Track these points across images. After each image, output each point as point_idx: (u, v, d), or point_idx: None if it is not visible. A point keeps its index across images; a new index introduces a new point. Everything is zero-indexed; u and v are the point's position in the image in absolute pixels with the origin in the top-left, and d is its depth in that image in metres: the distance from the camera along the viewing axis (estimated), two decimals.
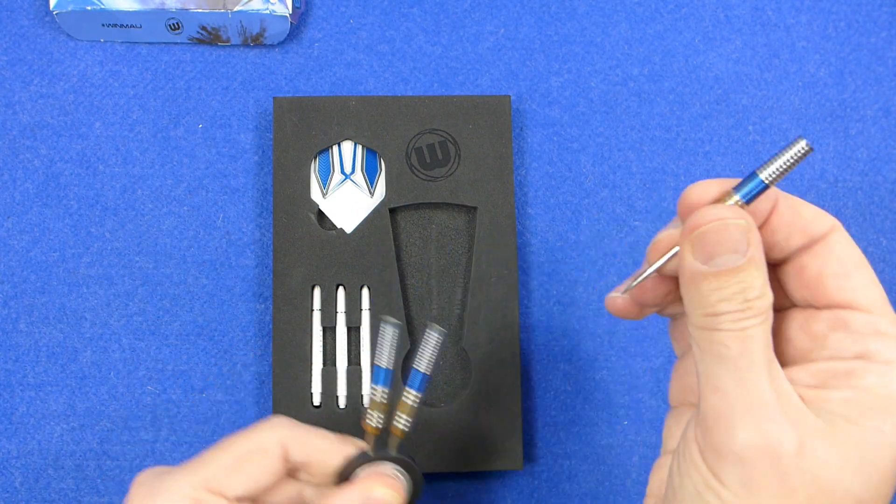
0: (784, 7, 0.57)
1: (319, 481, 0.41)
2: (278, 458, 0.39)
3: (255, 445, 0.39)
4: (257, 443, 0.39)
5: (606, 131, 0.55)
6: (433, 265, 0.53)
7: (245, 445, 0.39)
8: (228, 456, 0.39)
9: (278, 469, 0.39)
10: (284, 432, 0.40)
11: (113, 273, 0.53)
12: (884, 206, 0.55)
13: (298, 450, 0.40)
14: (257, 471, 0.39)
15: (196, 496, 0.37)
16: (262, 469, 0.39)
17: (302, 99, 0.53)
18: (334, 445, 0.41)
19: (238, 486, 0.38)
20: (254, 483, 0.38)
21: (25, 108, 0.54)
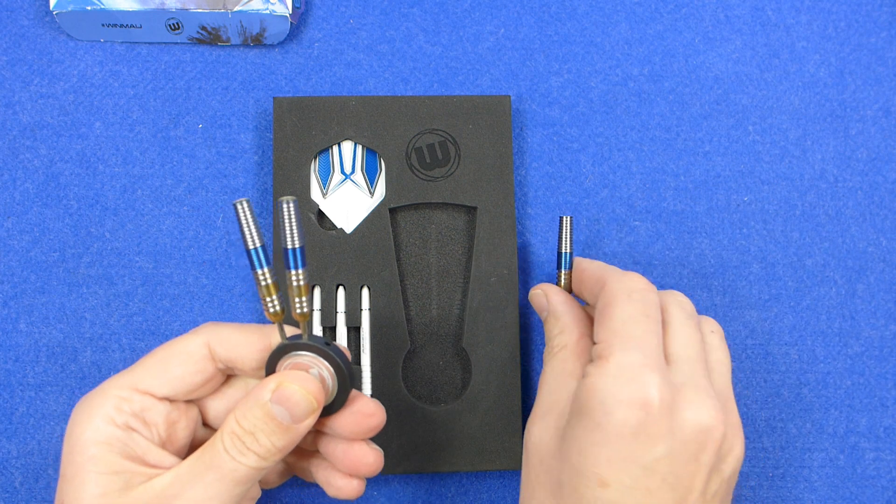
0: (784, 7, 0.57)
1: (252, 376, 0.43)
2: (204, 358, 0.41)
3: (180, 349, 0.41)
4: (181, 345, 0.41)
5: (606, 131, 0.55)
6: (433, 265, 0.53)
7: (171, 349, 0.41)
8: (154, 359, 0.41)
9: (204, 368, 0.41)
10: (209, 333, 0.41)
11: (113, 273, 0.53)
12: (884, 206, 0.55)
13: (222, 348, 0.41)
14: (181, 371, 0.41)
15: (122, 395, 0.40)
16: (187, 369, 0.41)
17: (302, 99, 0.53)
18: (255, 338, 0.42)
19: (164, 386, 0.40)
20: (179, 383, 0.41)
21: (25, 108, 0.54)
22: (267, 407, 0.39)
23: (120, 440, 0.39)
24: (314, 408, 0.40)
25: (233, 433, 0.39)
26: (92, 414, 0.39)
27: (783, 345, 0.54)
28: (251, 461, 0.39)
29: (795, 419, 0.53)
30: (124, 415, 0.39)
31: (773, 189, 0.55)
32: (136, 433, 0.40)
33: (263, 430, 0.39)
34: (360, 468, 0.43)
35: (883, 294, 0.54)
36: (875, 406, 0.53)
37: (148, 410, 0.40)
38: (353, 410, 0.42)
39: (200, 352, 0.41)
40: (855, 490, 0.53)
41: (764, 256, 0.54)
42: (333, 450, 0.43)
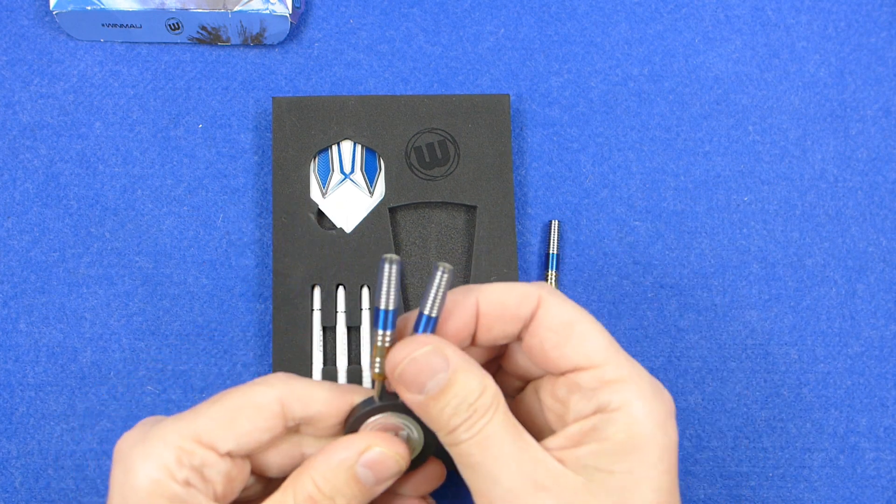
0: (784, 7, 0.57)
1: (324, 434, 0.39)
2: (275, 416, 0.37)
3: (250, 401, 0.37)
4: (253, 398, 0.37)
5: (606, 131, 0.55)
6: (433, 265, 0.53)
7: (240, 400, 0.37)
8: (222, 410, 0.37)
9: (275, 426, 0.38)
10: (282, 388, 0.38)
11: (113, 273, 0.53)
12: (884, 206, 0.55)
13: (298, 405, 0.38)
14: (251, 427, 0.37)
15: (185, 446, 0.36)
16: (257, 425, 0.37)
17: (301, 99, 0.53)
18: (337, 396, 0.39)
19: (230, 441, 0.37)
20: (247, 439, 0.37)
21: (25, 108, 0.54)
22: (353, 470, 0.36)
23: (178, 496, 0.36)
24: (401, 472, 0.37)
25: (310, 497, 0.36)
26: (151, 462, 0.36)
27: (783, 345, 0.54)
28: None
29: (795, 419, 0.53)
30: (185, 469, 0.36)
31: (773, 189, 0.55)
32: (195, 489, 0.36)
33: (345, 493, 0.36)
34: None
35: (883, 294, 0.54)
36: (875, 406, 0.53)
37: (209, 467, 0.37)
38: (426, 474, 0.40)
39: (272, 408, 0.37)
40: (855, 490, 0.52)
41: (764, 256, 0.54)
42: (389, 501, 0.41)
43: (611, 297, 0.54)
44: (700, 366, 0.53)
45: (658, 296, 0.54)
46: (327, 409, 0.38)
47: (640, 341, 0.53)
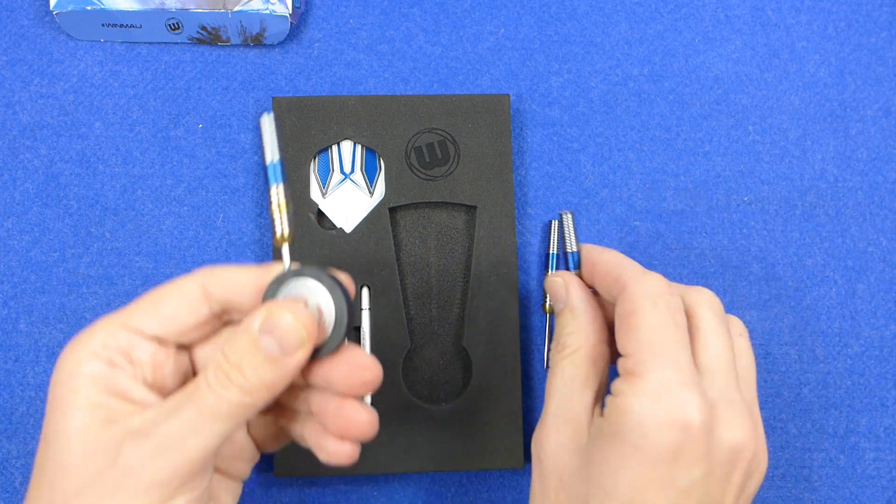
0: (784, 7, 0.57)
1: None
2: (197, 298, 0.39)
3: (173, 287, 0.39)
4: (175, 285, 0.39)
5: (606, 131, 0.55)
6: (433, 264, 0.53)
7: (164, 288, 0.39)
8: (147, 298, 0.39)
9: (198, 309, 0.39)
10: (204, 274, 0.39)
11: (113, 273, 0.53)
12: (884, 206, 0.55)
13: (218, 287, 0.39)
14: (173, 310, 0.38)
15: (111, 330, 0.38)
16: (179, 308, 0.38)
17: (301, 99, 0.53)
18: (256, 275, 0.39)
19: (153, 324, 0.38)
20: (171, 322, 0.38)
21: (25, 108, 0.54)
22: (254, 336, 0.36)
23: (104, 375, 0.37)
24: (304, 340, 0.37)
25: (218, 366, 0.37)
26: (79, 348, 0.37)
27: (783, 345, 0.54)
28: (234, 396, 0.36)
29: (795, 419, 0.53)
30: (109, 350, 0.37)
31: (773, 189, 0.55)
32: (120, 370, 0.37)
33: (250, 362, 0.36)
34: (353, 428, 0.39)
35: (883, 294, 0.54)
36: (875, 406, 0.53)
37: (134, 348, 0.38)
38: (348, 360, 0.39)
39: (195, 291, 0.39)
40: (855, 490, 0.52)
41: (764, 256, 0.54)
42: (326, 408, 0.40)
43: None
44: None
45: None
46: (248, 288, 0.39)
47: None
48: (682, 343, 0.40)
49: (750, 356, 0.43)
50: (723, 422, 0.39)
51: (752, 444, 0.39)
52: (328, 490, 0.51)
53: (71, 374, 0.37)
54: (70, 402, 0.37)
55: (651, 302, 0.40)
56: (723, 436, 0.38)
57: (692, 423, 0.37)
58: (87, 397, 0.37)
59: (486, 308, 0.51)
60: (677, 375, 0.38)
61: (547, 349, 0.52)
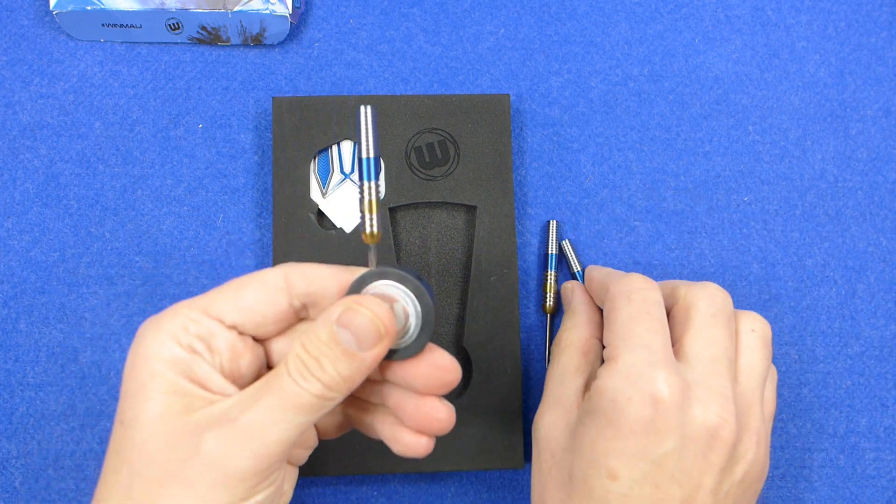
0: (784, 7, 0.57)
1: None
2: (279, 290, 0.39)
3: (255, 277, 0.39)
4: (259, 275, 0.39)
5: (606, 131, 0.55)
6: (433, 264, 0.53)
7: (246, 278, 0.39)
8: (229, 286, 0.39)
9: (278, 300, 0.39)
10: (286, 267, 0.39)
11: (113, 273, 0.53)
12: (884, 206, 0.55)
13: (301, 280, 0.39)
14: (254, 299, 0.38)
15: (192, 316, 0.38)
16: (259, 298, 0.38)
17: (301, 99, 0.53)
18: (339, 273, 0.39)
19: (234, 313, 0.38)
20: (250, 311, 0.38)
21: (25, 108, 0.54)
22: (332, 329, 0.36)
23: (184, 361, 0.37)
24: (381, 335, 0.37)
25: (297, 357, 0.37)
26: (159, 331, 0.37)
27: (783, 345, 0.54)
28: (315, 388, 0.36)
29: (795, 419, 0.53)
30: (189, 336, 0.37)
31: (773, 189, 0.55)
32: (200, 357, 0.37)
33: (328, 355, 0.36)
34: (431, 424, 0.40)
35: (883, 294, 0.54)
36: (875, 406, 0.53)
37: (214, 336, 0.38)
38: (429, 362, 0.39)
39: (277, 283, 0.39)
40: (855, 490, 0.52)
41: (764, 256, 0.54)
42: (403, 404, 0.40)
43: None
44: None
45: None
46: (331, 283, 0.39)
47: None
48: (654, 330, 0.42)
49: (759, 353, 0.44)
50: (697, 401, 0.41)
51: (728, 427, 0.41)
52: (328, 490, 0.51)
53: (149, 355, 0.37)
54: (149, 386, 0.36)
55: (626, 297, 0.44)
56: (696, 413, 0.40)
57: (661, 397, 0.40)
58: (167, 382, 0.36)
59: (486, 308, 0.51)
60: (647, 356, 0.41)
61: (547, 348, 0.52)
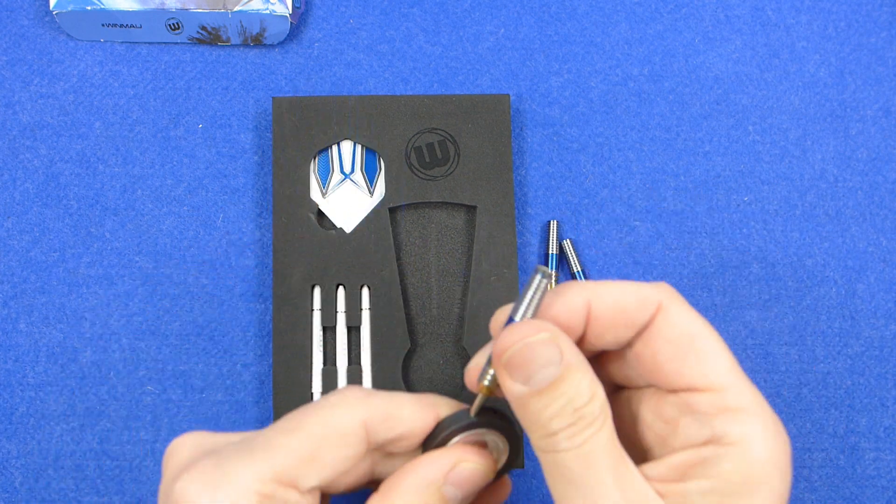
0: (784, 7, 0.57)
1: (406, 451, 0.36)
2: (360, 441, 0.34)
3: (333, 429, 0.33)
4: (336, 426, 0.33)
5: (606, 131, 0.55)
6: (433, 265, 0.53)
7: (321, 429, 0.33)
8: (303, 441, 0.33)
9: (360, 453, 0.34)
10: (364, 409, 0.34)
11: (113, 273, 0.53)
12: (884, 206, 0.55)
13: (383, 427, 0.34)
14: (336, 458, 0.33)
15: (265, 490, 0.32)
16: (342, 456, 0.33)
17: (301, 99, 0.53)
18: (422, 412, 0.35)
19: (313, 477, 0.33)
20: (331, 472, 0.33)
21: (25, 108, 0.54)
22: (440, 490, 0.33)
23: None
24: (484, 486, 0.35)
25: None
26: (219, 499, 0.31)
27: (783, 345, 0.54)
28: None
29: (795, 419, 0.53)
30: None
31: (773, 189, 0.55)
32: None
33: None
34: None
35: (883, 294, 0.54)
36: (875, 406, 0.53)
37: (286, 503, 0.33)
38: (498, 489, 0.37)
39: (358, 434, 0.34)
40: (855, 490, 0.52)
41: (764, 256, 0.54)
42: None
43: None
44: None
45: None
46: (413, 427, 0.35)
47: None
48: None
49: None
50: None
51: None
52: None
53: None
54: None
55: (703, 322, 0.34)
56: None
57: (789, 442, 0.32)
58: None
59: (486, 308, 0.51)
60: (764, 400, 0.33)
61: None
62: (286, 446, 0.32)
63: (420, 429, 0.35)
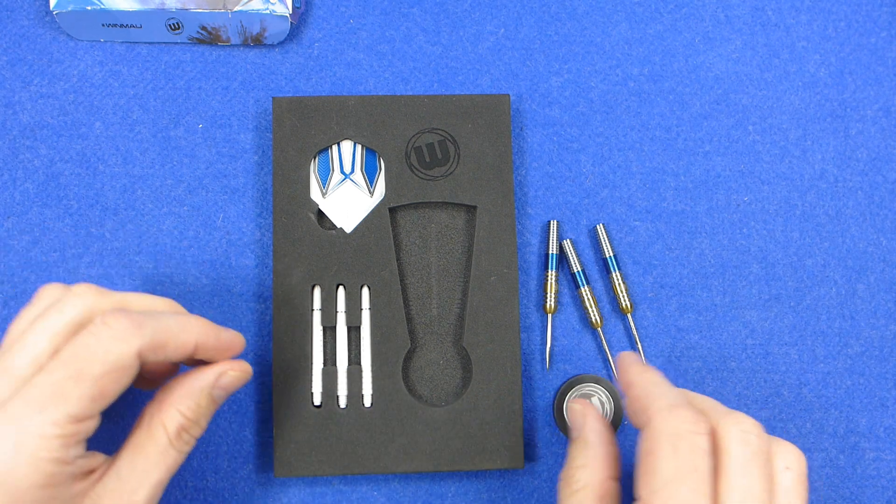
0: (784, 7, 0.57)
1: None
2: (135, 368, 0.39)
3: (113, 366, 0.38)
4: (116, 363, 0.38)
5: (606, 131, 0.55)
6: (433, 265, 0.53)
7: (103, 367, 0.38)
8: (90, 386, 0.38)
9: (133, 376, 0.39)
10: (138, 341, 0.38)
11: (113, 273, 0.53)
12: (884, 206, 0.55)
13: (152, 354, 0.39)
14: (118, 389, 0.39)
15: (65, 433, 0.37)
16: (122, 386, 0.39)
17: (301, 99, 0.53)
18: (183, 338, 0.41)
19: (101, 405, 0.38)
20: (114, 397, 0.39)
21: (25, 108, 0.54)
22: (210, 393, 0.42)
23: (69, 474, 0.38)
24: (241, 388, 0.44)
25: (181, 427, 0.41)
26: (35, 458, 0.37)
27: (783, 345, 0.54)
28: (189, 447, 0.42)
29: (795, 419, 0.53)
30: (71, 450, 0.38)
31: (773, 189, 0.55)
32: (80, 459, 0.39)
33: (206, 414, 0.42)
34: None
35: (883, 294, 0.54)
36: (875, 406, 0.53)
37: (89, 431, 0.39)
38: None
39: (134, 364, 0.39)
40: (855, 490, 0.52)
41: (764, 256, 0.54)
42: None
43: (611, 297, 0.54)
44: (700, 366, 0.53)
45: (658, 296, 0.54)
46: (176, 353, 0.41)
47: (641, 341, 0.53)
48: (699, 491, 0.37)
49: (792, 493, 0.39)
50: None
51: None
52: (328, 490, 0.52)
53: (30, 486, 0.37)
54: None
55: (672, 445, 0.38)
56: None
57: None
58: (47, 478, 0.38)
59: (486, 308, 0.51)
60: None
61: (548, 348, 0.52)
62: (75, 394, 0.37)
63: (182, 353, 0.41)
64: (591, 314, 0.53)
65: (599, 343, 0.53)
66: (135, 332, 0.39)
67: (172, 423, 0.41)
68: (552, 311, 0.52)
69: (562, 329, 0.53)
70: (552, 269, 0.53)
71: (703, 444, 0.38)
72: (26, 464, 0.36)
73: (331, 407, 0.50)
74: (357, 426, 0.50)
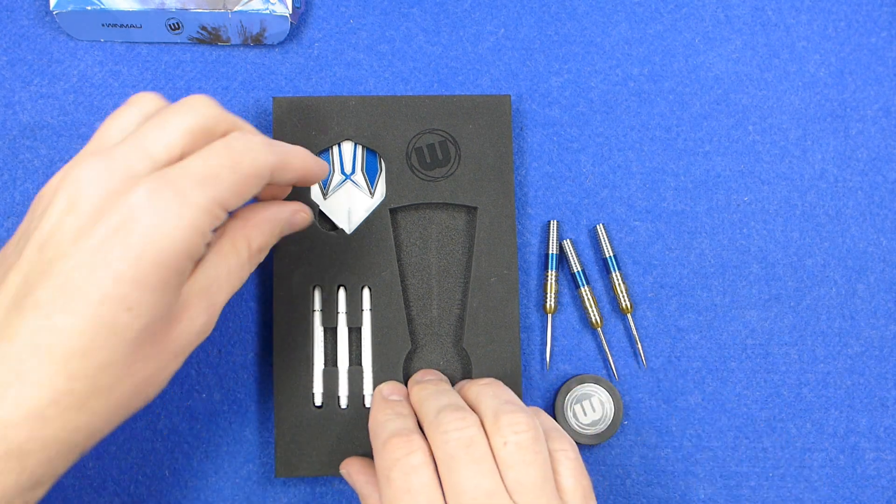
0: (784, 7, 0.57)
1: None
2: (265, 182, 0.42)
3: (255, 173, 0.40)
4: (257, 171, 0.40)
5: (606, 131, 0.55)
6: (433, 265, 0.53)
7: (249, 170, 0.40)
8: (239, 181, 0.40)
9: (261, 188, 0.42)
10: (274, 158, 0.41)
11: None
12: (884, 206, 0.55)
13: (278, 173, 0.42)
14: (251, 193, 0.41)
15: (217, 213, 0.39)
16: (254, 192, 0.41)
17: (301, 99, 0.53)
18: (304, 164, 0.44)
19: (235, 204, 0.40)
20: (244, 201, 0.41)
21: (25, 108, 0.54)
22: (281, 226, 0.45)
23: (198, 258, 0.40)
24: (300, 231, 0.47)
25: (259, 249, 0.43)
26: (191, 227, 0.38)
27: (783, 345, 0.54)
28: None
29: (795, 419, 0.53)
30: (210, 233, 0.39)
31: (773, 189, 0.55)
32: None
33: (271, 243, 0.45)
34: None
35: (883, 294, 0.54)
36: (875, 406, 0.53)
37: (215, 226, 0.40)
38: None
39: (266, 176, 0.41)
40: (855, 490, 0.53)
41: (764, 256, 0.55)
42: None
43: (611, 297, 0.54)
44: (700, 366, 0.53)
45: (658, 296, 0.54)
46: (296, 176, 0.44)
47: (641, 341, 0.53)
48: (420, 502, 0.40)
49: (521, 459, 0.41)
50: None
51: None
52: (328, 490, 0.52)
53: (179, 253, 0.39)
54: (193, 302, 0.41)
55: (385, 477, 0.41)
56: None
57: None
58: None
59: (487, 308, 0.51)
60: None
61: (548, 348, 0.52)
62: (228, 181, 0.39)
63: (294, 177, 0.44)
64: (591, 314, 0.53)
65: (599, 343, 0.53)
66: (270, 150, 0.41)
67: (255, 241, 0.43)
68: (552, 311, 0.53)
69: (562, 329, 0.53)
70: (552, 270, 0.53)
71: (414, 462, 0.41)
72: (184, 229, 0.37)
73: (332, 407, 0.50)
74: (358, 427, 0.50)
